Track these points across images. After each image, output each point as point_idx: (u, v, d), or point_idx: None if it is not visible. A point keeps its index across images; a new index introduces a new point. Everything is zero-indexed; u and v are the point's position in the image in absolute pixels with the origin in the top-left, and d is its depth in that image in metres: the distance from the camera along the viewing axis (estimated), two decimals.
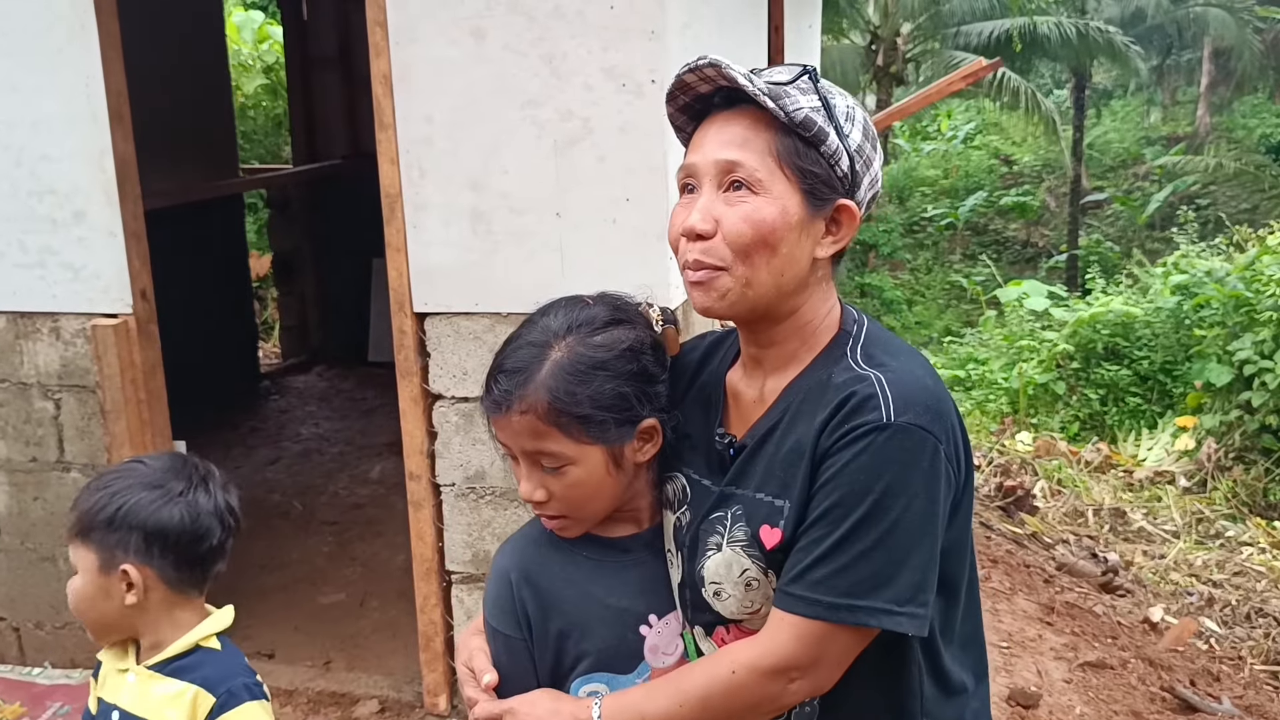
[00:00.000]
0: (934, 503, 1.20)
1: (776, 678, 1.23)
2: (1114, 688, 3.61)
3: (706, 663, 1.30)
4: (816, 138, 1.25)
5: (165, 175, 4.58)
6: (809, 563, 1.21)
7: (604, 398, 1.33)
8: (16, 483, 3.26)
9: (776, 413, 1.32)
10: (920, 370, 1.27)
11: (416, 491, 2.96)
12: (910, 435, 1.19)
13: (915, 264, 19.02)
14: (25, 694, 3.23)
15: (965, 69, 6.65)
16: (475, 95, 2.71)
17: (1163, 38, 22.51)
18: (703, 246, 1.27)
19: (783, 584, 1.24)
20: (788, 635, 1.22)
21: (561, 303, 1.42)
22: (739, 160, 1.25)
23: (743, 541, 1.30)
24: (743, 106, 1.28)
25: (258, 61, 11.57)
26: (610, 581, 1.43)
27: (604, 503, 1.40)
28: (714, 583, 1.32)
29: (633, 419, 1.36)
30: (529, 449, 1.35)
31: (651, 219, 2.68)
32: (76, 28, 2.91)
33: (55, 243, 3.06)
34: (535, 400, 1.32)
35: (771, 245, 1.25)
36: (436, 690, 3.07)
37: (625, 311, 1.42)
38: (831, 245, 1.30)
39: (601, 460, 1.35)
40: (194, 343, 4.35)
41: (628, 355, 1.36)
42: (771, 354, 1.35)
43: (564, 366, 1.33)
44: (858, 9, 17.17)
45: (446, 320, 2.86)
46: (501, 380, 1.35)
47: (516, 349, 1.38)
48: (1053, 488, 6.80)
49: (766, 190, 1.25)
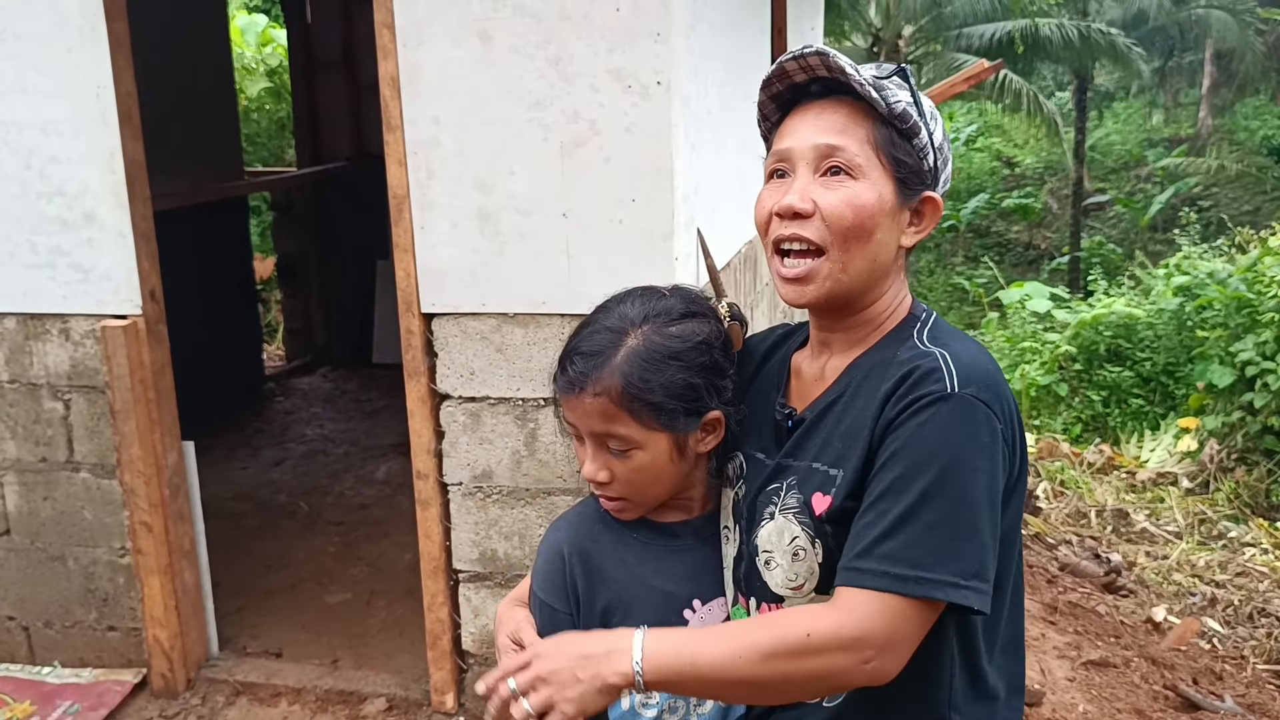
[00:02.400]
0: (995, 477, 1.21)
1: (855, 651, 1.17)
2: (1117, 686, 3.62)
3: (773, 620, 1.24)
4: (911, 130, 1.29)
5: (170, 178, 4.60)
6: (877, 535, 1.19)
7: (676, 387, 1.37)
8: (26, 482, 3.28)
9: (839, 388, 1.34)
10: (983, 356, 1.29)
11: (424, 490, 2.98)
12: (974, 408, 1.20)
13: (917, 266, 19.01)
14: (35, 693, 3.24)
15: (967, 71, 6.67)
16: (482, 97, 2.73)
17: (1165, 40, 22.53)
18: (799, 224, 1.29)
19: (849, 560, 1.21)
20: (864, 608, 1.17)
21: (638, 292, 1.46)
22: (840, 145, 1.28)
23: (794, 509, 1.31)
24: (839, 97, 1.31)
25: (261, 65, 11.58)
26: (658, 564, 1.46)
27: (664, 488, 1.44)
28: (765, 551, 1.34)
29: (700, 410, 1.40)
30: (598, 430, 1.39)
31: (657, 220, 2.70)
32: (86, 30, 2.93)
33: (65, 244, 3.08)
34: (610, 384, 1.36)
35: (869, 230, 1.28)
36: (444, 688, 3.09)
37: (699, 305, 1.47)
38: (915, 235, 1.34)
39: (667, 447, 1.39)
40: (199, 345, 4.37)
41: (701, 348, 1.40)
42: (841, 337, 1.38)
43: (640, 354, 1.37)
44: (859, 11, 17.18)
45: (454, 320, 2.88)
46: (578, 362, 1.39)
47: (593, 333, 1.41)
48: (1055, 489, 6.81)
49: (865, 176, 1.28)
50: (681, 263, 2.77)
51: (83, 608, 3.33)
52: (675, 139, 2.67)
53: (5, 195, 3.08)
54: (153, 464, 3.14)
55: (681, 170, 2.74)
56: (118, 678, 3.28)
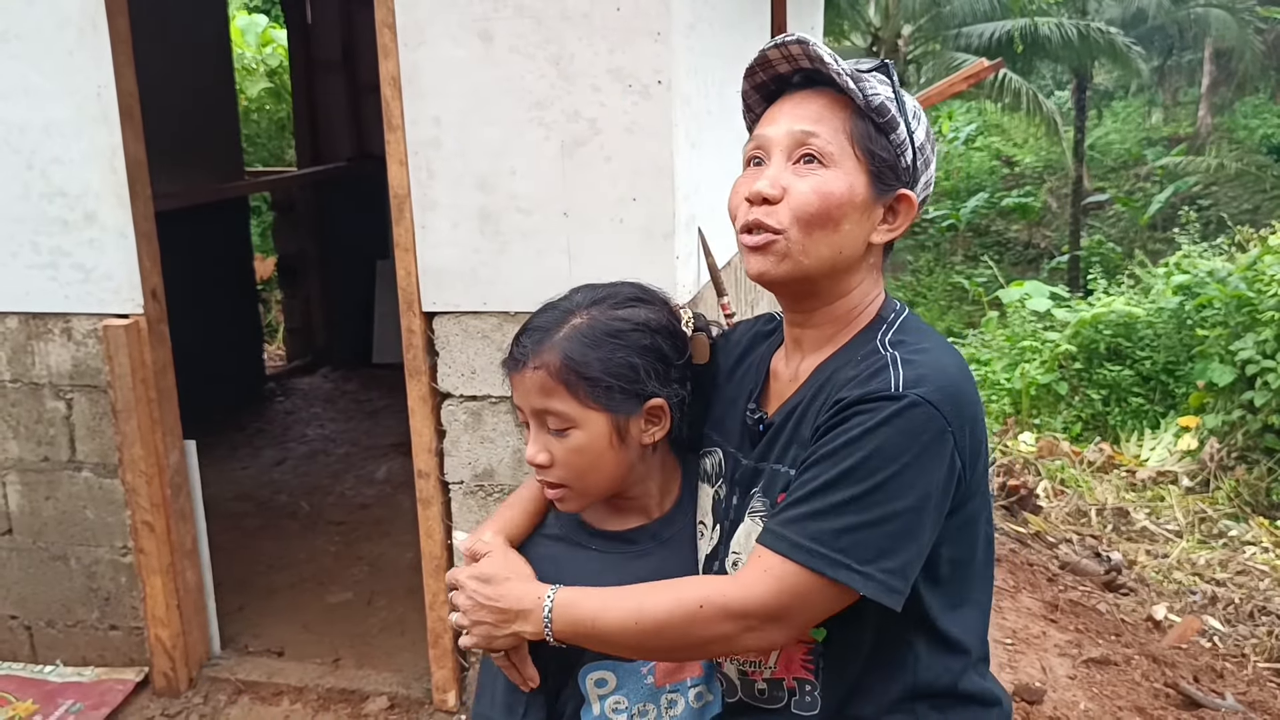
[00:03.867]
0: (928, 478, 1.20)
1: (738, 620, 1.24)
2: (1118, 684, 3.62)
3: (677, 587, 1.31)
4: (889, 124, 1.29)
5: (170, 178, 4.60)
6: (809, 511, 1.22)
7: (613, 365, 1.38)
8: (28, 482, 3.28)
9: (805, 391, 1.35)
10: (947, 360, 1.28)
11: (425, 489, 2.98)
12: (916, 407, 1.20)
13: (917, 266, 19.03)
14: (37, 692, 3.25)
15: (967, 70, 6.67)
16: (483, 97, 2.73)
17: (1164, 38, 22.53)
18: (765, 210, 1.29)
19: (776, 523, 1.25)
20: (765, 580, 1.23)
21: (594, 284, 1.48)
22: (814, 131, 1.29)
23: (761, 512, 1.33)
24: (820, 88, 1.32)
25: (261, 65, 11.59)
26: (619, 572, 1.45)
27: (603, 477, 1.43)
28: (735, 552, 1.36)
29: (640, 393, 1.40)
30: (537, 407, 1.40)
31: (658, 219, 2.70)
32: (88, 29, 2.94)
33: (67, 244, 3.09)
34: (549, 358, 1.38)
35: (835, 220, 1.28)
36: (445, 687, 3.09)
37: (652, 296, 1.48)
38: (887, 232, 1.34)
39: (605, 429, 1.39)
40: (199, 345, 4.37)
41: (642, 330, 1.41)
42: (811, 335, 1.38)
43: (581, 330, 1.40)
44: (859, 11, 17.19)
45: (455, 319, 2.89)
46: (523, 339, 1.42)
47: (542, 313, 1.45)
48: (1056, 488, 6.81)
49: (837, 165, 1.28)
50: (683, 261, 2.78)
51: (85, 607, 3.34)
52: (676, 138, 2.68)
53: (7, 196, 3.09)
54: (154, 463, 3.15)
55: (682, 169, 2.74)
56: (120, 676, 3.29)
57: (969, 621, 1.35)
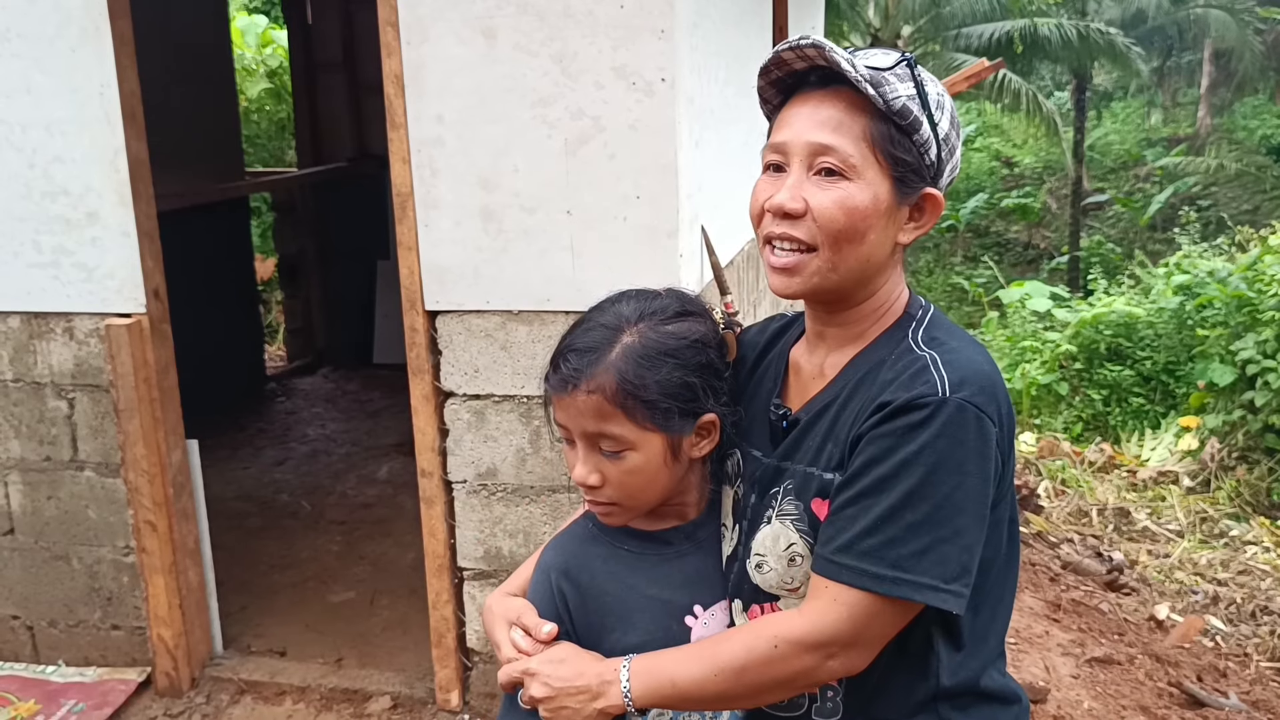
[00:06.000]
0: (985, 481, 1.20)
1: (816, 652, 1.22)
2: (1121, 683, 3.62)
3: (747, 632, 1.29)
4: (911, 126, 1.25)
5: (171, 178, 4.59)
6: (858, 531, 1.20)
7: (671, 385, 1.34)
8: (30, 481, 3.28)
9: (835, 389, 1.32)
10: (979, 355, 1.27)
11: (428, 488, 2.98)
12: (964, 412, 1.19)
13: (917, 266, 19.03)
14: (39, 692, 3.24)
15: (967, 70, 6.68)
16: (486, 95, 2.73)
17: (1163, 39, 22.55)
18: (789, 224, 1.27)
19: (827, 550, 1.23)
20: (836, 609, 1.21)
21: (632, 292, 1.43)
22: (833, 145, 1.25)
23: (793, 515, 1.30)
24: (838, 87, 1.27)
25: (261, 65, 11.58)
26: (652, 574, 1.43)
27: (655, 493, 1.40)
28: (758, 554, 1.33)
29: (696, 410, 1.37)
30: (590, 430, 1.35)
31: (661, 217, 2.70)
32: (89, 29, 2.94)
33: (69, 243, 3.08)
34: (604, 381, 1.32)
35: (862, 232, 1.26)
36: (448, 686, 3.09)
37: (694, 305, 1.44)
38: (913, 231, 1.31)
39: (661, 449, 1.36)
40: (200, 345, 4.37)
41: (697, 347, 1.37)
42: (836, 331, 1.36)
43: (635, 350, 1.34)
44: (858, 11, 17.18)
45: (458, 318, 2.88)
46: (571, 359, 1.35)
47: (588, 330, 1.38)
48: (1057, 488, 6.81)
49: (859, 176, 1.25)
50: (685, 260, 2.77)
51: (87, 607, 3.33)
52: (679, 136, 2.68)
53: (10, 195, 3.09)
54: (156, 463, 3.14)
55: (685, 167, 2.74)
56: (122, 676, 3.29)
57: (991, 620, 1.34)
